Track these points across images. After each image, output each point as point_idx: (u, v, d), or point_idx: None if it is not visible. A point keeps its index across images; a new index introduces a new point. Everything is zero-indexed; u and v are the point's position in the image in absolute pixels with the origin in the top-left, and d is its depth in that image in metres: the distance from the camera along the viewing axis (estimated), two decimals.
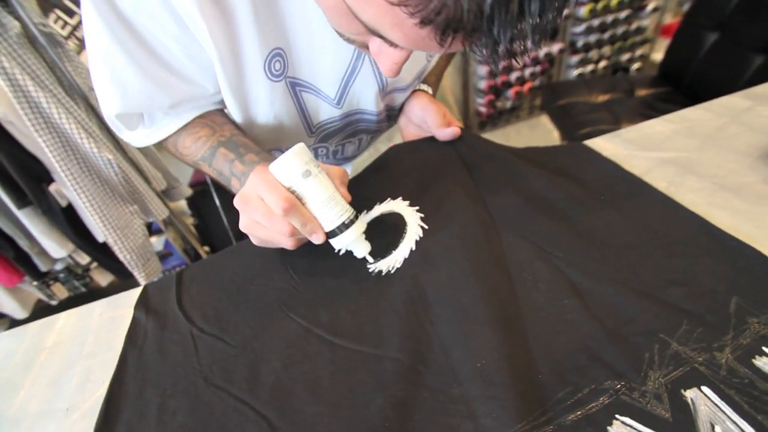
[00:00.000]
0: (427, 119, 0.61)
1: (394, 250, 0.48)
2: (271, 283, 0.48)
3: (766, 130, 0.54)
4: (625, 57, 2.24)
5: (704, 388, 0.32)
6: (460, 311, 0.40)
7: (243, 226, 0.43)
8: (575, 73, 2.26)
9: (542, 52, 2.13)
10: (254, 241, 0.45)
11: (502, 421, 0.32)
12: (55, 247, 1.23)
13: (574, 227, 0.46)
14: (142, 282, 1.28)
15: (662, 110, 1.28)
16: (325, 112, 0.57)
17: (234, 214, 0.44)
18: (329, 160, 0.71)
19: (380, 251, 0.48)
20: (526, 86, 2.24)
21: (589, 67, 2.25)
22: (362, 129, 0.65)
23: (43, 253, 1.26)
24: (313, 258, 0.50)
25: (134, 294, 0.52)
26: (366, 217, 0.51)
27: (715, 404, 0.31)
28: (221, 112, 0.55)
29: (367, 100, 0.57)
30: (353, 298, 0.44)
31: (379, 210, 0.52)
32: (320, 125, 0.59)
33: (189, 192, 1.69)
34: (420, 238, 0.48)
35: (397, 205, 0.52)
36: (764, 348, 0.33)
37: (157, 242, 1.73)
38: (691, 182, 0.50)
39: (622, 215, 0.46)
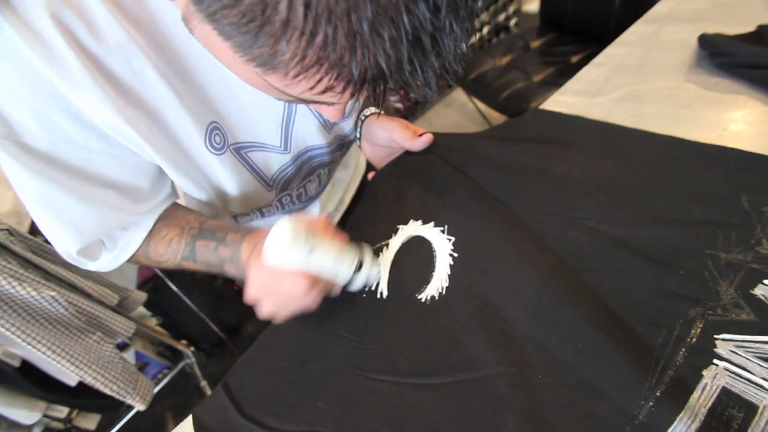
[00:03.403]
0: (395, 137, 0.61)
1: (433, 272, 0.48)
2: (330, 353, 0.46)
3: (681, 45, 0.62)
4: (502, 17, 2.41)
5: (767, 281, 0.36)
6: (529, 303, 0.41)
7: (268, 312, 0.45)
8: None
9: None
10: (280, 318, 0.46)
11: (630, 388, 0.33)
12: (24, 414, 1.07)
13: (582, 187, 0.49)
14: (140, 407, 1.15)
15: (559, 54, 1.39)
16: (276, 162, 0.56)
17: (197, 294, 0.44)
18: (296, 205, 0.69)
19: (420, 279, 0.47)
20: None
21: (476, 37, 2.39)
22: (317, 165, 0.65)
23: (13, 426, 1.09)
24: (358, 310, 0.48)
25: (185, 429, 0.48)
26: (388, 254, 0.51)
27: None
28: (177, 205, 0.53)
29: (311, 136, 0.56)
30: (421, 333, 0.44)
31: (397, 242, 0.52)
32: (275, 177, 0.58)
33: (144, 296, 1.56)
34: (452, 250, 0.48)
35: (412, 230, 0.52)
36: None
37: (128, 357, 1.58)
38: (650, 111, 0.55)
39: (614, 161, 0.50)
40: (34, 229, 1.36)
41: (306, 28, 0.20)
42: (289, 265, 0.41)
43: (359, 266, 0.45)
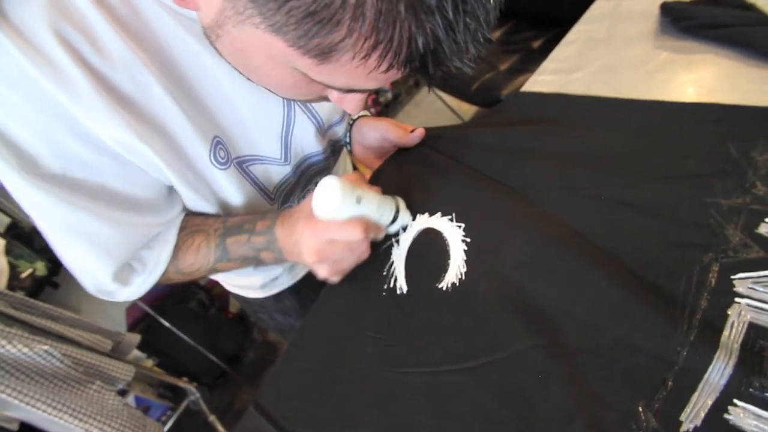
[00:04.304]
0: (387, 136, 0.62)
1: (449, 260, 0.48)
2: (359, 355, 0.46)
3: (644, 15, 0.65)
4: None
5: None
6: (549, 274, 0.42)
7: (327, 272, 0.46)
8: None
9: None
10: (337, 277, 0.48)
11: (664, 337, 0.34)
12: None
13: (577, 159, 0.51)
14: None
15: (520, 41, 1.44)
16: (278, 174, 0.56)
17: (192, 327, 0.44)
18: None
19: (437, 269, 0.48)
20: None
21: None
22: (315, 172, 0.65)
23: None
24: (380, 309, 0.48)
25: None
26: (401, 251, 0.51)
27: None
28: (194, 214, 0.53)
29: (309, 143, 0.57)
30: (448, 321, 0.44)
31: (408, 237, 0.52)
32: (277, 189, 0.58)
33: (137, 338, 1.51)
34: (463, 236, 0.49)
35: (420, 223, 0.52)
36: None
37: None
38: (626, 79, 0.58)
39: (603, 131, 0.52)
40: (12, 285, 1.30)
41: (374, 7, 0.22)
42: (342, 215, 0.43)
43: (397, 210, 0.49)
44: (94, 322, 1.35)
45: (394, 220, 0.49)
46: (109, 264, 0.44)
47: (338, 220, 0.43)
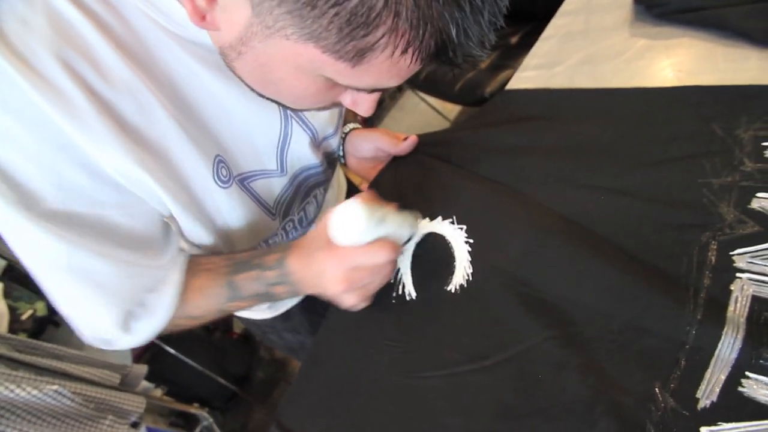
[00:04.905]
0: (380, 145, 0.63)
1: (454, 263, 0.49)
2: (377, 364, 0.47)
3: (617, 5, 0.66)
4: None
5: (760, 195, 0.39)
6: (554, 266, 0.43)
7: (354, 300, 0.45)
8: None
9: None
10: (364, 304, 0.47)
11: (672, 318, 0.35)
12: None
13: (569, 152, 0.52)
14: None
15: (497, 38, 1.45)
16: (276, 186, 0.56)
17: (197, 352, 0.44)
18: (298, 231, 0.69)
19: (444, 272, 0.49)
20: None
21: None
22: (313, 184, 0.65)
23: None
24: (392, 317, 0.49)
25: None
26: (405, 257, 0.52)
27: None
28: (197, 255, 0.51)
29: (305, 155, 0.57)
30: (461, 322, 0.45)
31: (411, 244, 0.53)
32: (277, 203, 0.58)
33: (145, 368, 1.50)
34: (466, 237, 0.50)
35: (422, 229, 0.53)
36: (763, 144, 0.42)
37: None
38: (607, 69, 0.59)
39: (590, 122, 0.54)
40: (13, 328, 1.28)
41: (411, 2, 0.24)
42: (366, 239, 0.41)
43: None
44: (100, 357, 1.33)
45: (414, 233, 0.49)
46: (113, 308, 0.41)
47: (361, 244, 0.42)
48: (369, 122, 2.35)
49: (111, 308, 0.41)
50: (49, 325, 1.44)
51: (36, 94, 0.31)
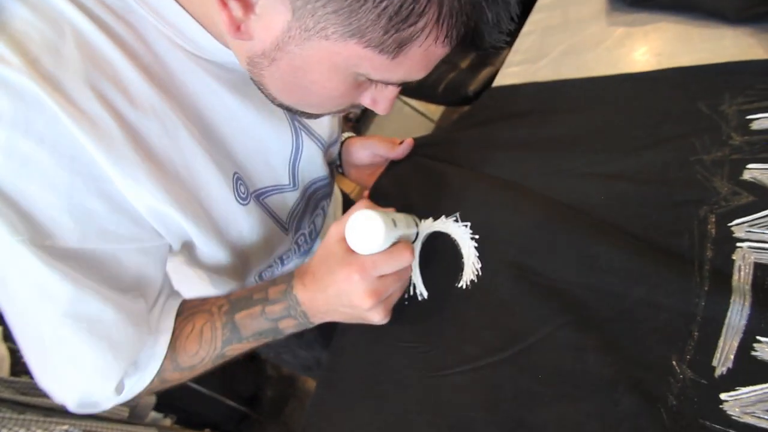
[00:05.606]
0: (377, 151, 0.64)
1: (462, 259, 0.50)
2: (396, 366, 0.47)
3: None
4: None
5: (750, 167, 0.41)
6: (562, 252, 0.44)
7: (382, 313, 0.42)
8: None
9: None
10: (389, 317, 0.44)
11: (679, 293, 0.37)
12: None
13: (563, 142, 0.53)
14: None
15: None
16: (289, 200, 0.57)
17: (203, 376, 0.44)
18: (308, 244, 0.70)
19: (453, 269, 0.49)
20: None
21: None
22: (321, 196, 0.66)
23: None
24: (405, 318, 0.49)
25: None
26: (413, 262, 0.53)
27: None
28: (185, 300, 0.48)
29: (316, 167, 0.58)
30: (475, 316, 0.46)
31: (417, 244, 0.54)
32: (290, 217, 0.59)
33: (153, 399, 1.49)
34: (471, 233, 0.51)
35: (428, 228, 0.54)
36: (747, 117, 0.44)
37: None
38: (590, 59, 0.61)
39: (581, 111, 0.55)
40: (15, 370, 1.26)
41: None
42: (387, 243, 0.40)
43: (416, 224, 0.51)
44: None
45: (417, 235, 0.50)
46: (114, 363, 0.38)
47: (381, 251, 0.40)
48: (355, 130, 2.36)
49: (112, 363, 0.38)
50: None
51: (75, 128, 0.31)
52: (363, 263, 0.39)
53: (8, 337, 1.24)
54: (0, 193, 0.31)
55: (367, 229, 0.39)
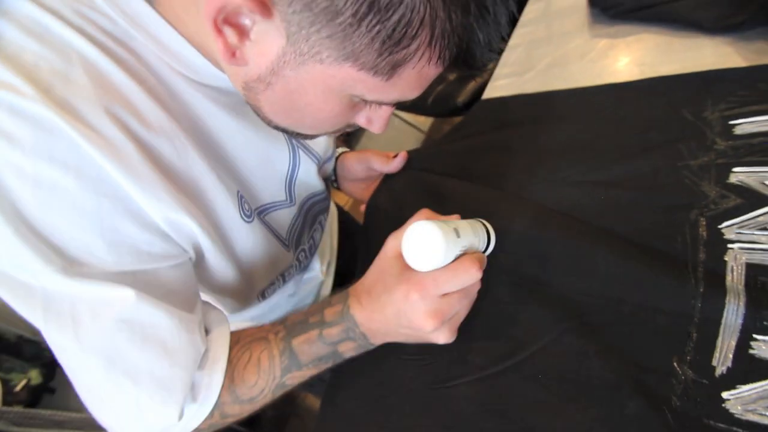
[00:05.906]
0: (372, 165, 0.65)
1: None
2: (402, 380, 0.47)
3: (574, 9, 0.71)
4: None
5: (736, 170, 0.42)
6: (560, 261, 0.45)
7: (447, 334, 0.38)
8: None
9: None
10: (454, 336, 0.39)
11: (676, 296, 0.38)
12: None
13: (553, 152, 0.55)
14: None
15: None
16: (287, 217, 0.57)
17: None
18: (308, 259, 0.70)
19: None
20: None
21: None
22: (318, 210, 0.67)
23: None
24: None
25: None
26: None
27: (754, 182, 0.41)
28: (244, 329, 0.47)
29: (311, 181, 0.58)
30: (477, 327, 0.46)
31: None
32: (289, 233, 0.59)
33: None
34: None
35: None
36: (730, 122, 0.46)
37: None
38: (575, 70, 0.63)
39: (570, 122, 0.57)
40: (8, 400, 1.22)
41: (444, 12, 0.27)
42: (450, 257, 0.35)
43: (487, 230, 0.44)
44: None
45: (488, 242, 0.43)
46: (179, 382, 0.37)
47: (443, 266, 0.36)
48: (346, 143, 2.38)
49: (179, 382, 0.37)
50: (44, 393, 1.38)
51: (95, 151, 0.31)
52: (422, 281, 0.36)
53: (0, 367, 1.21)
54: (30, 227, 0.31)
55: (425, 244, 0.34)
